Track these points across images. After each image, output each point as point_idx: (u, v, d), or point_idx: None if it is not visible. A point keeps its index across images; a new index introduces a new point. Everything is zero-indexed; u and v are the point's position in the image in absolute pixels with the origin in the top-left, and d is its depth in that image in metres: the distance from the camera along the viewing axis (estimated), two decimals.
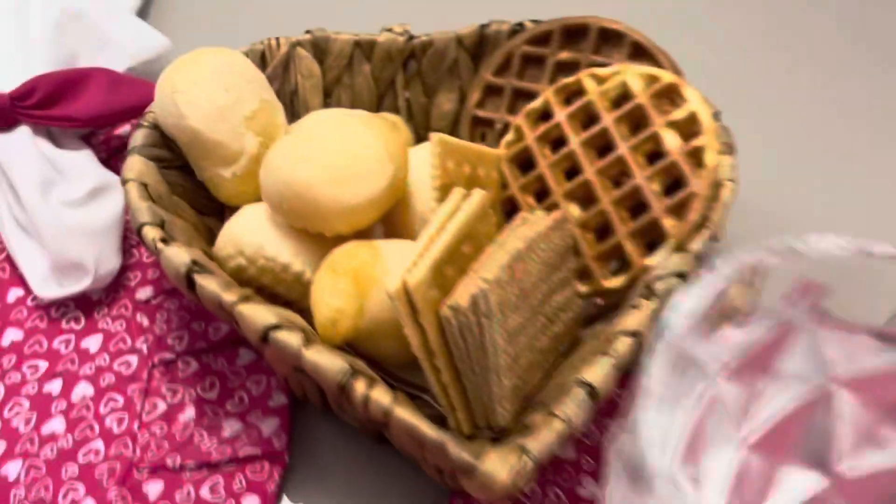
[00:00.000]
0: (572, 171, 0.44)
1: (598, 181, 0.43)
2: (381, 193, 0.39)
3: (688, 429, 0.25)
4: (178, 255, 0.37)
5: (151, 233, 0.38)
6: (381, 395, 0.33)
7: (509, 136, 0.46)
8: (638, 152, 0.42)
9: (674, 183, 0.41)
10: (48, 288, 0.44)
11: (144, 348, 0.44)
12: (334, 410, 0.41)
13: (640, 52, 0.46)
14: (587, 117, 0.44)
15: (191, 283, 0.36)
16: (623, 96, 0.44)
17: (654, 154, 0.42)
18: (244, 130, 0.41)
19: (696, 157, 0.40)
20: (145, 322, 0.45)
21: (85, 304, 0.45)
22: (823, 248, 0.22)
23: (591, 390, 0.33)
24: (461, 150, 0.40)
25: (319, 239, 0.40)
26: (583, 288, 0.42)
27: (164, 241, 0.37)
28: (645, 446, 0.19)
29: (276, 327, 0.34)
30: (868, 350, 0.24)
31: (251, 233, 0.39)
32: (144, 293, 0.46)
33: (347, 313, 0.36)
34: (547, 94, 0.45)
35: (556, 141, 0.45)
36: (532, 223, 0.39)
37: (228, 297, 0.35)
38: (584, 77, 0.45)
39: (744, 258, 0.22)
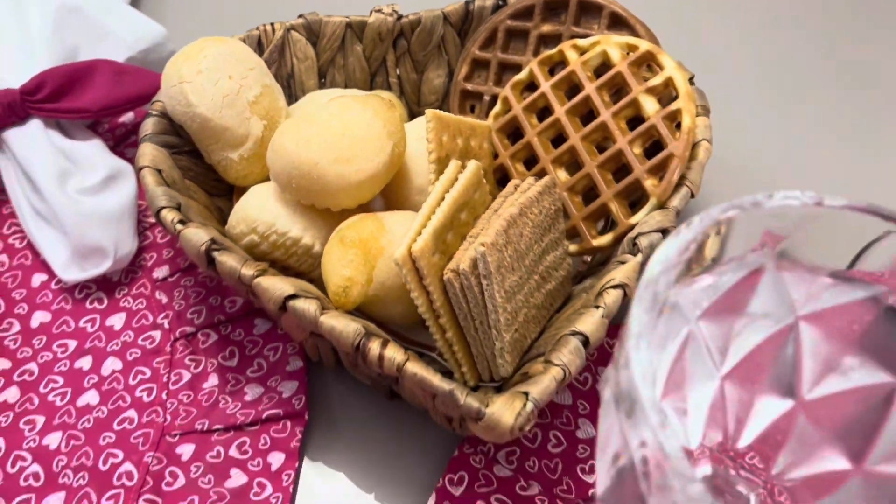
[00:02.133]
0: (559, 138, 0.47)
1: (583, 147, 0.46)
2: (382, 168, 0.41)
3: (673, 366, 0.28)
4: (197, 235, 0.39)
5: (170, 215, 0.40)
6: (394, 353, 0.36)
7: (497, 108, 0.49)
8: (619, 118, 0.45)
9: (654, 145, 0.44)
10: (71, 272, 0.47)
11: (166, 323, 0.47)
12: (348, 370, 0.45)
13: (619, 22, 0.49)
14: (570, 86, 0.47)
15: (210, 260, 0.39)
16: (603, 65, 0.47)
17: (635, 119, 0.45)
18: (249, 115, 0.44)
19: (673, 120, 0.43)
20: (164, 299, 0.48)
21: (106, 286, 0.48)
22: (785, 203, 0.25)
23: (584, 339, 0.36)
24: (454, 124, 0.43)
25: (326, 214, 0.43)
26: (573, 247, 0.45)
27: (181, 222, 0.40)
28: (637, 380, 0.22)
29: (294, 297, 0.37)
30: (827, 290, 0.27)
31: (262, 211, 0.42)
32: (161, 272, 0.49)
33: (357, 281, 0.39)
34: (531, 66, 0.48)
35: (542, 110, 0.48)
36: (523, 190, 0.42)
37: (247, 271, 0.38)
38: (566, 48, 0.48)
39: (716, 213, 0.25)
